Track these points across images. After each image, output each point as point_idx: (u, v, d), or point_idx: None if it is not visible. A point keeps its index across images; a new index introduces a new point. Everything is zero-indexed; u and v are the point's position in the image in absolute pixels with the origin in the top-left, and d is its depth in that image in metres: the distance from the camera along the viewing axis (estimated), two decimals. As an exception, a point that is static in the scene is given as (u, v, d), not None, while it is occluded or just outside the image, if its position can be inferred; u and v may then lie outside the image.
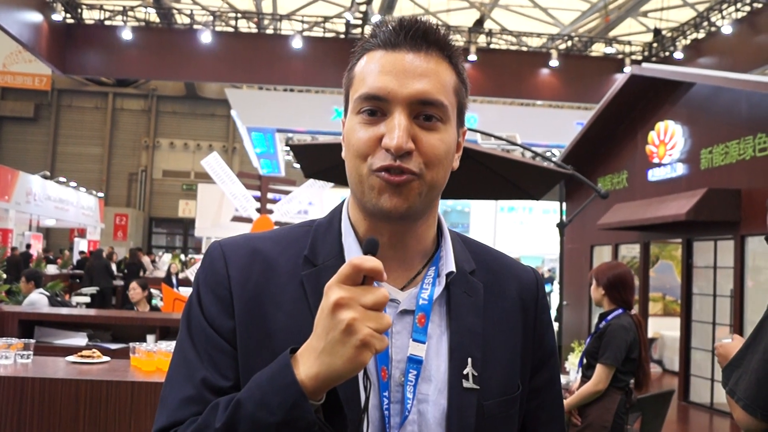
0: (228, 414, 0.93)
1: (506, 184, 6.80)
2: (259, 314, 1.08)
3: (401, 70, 1.05)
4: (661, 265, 13.51)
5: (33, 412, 3.20)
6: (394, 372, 1.07)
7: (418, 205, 1.07)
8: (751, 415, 2.08)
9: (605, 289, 4.44)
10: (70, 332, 5.06)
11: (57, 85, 32.53)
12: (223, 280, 1.10)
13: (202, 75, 21.67)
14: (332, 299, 0.89)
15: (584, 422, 4.36)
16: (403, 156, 1.03)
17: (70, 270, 19.01)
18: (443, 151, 1.07)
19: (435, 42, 1.09)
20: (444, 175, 1.09)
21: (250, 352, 1.05)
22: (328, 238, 1.15)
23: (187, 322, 1.11)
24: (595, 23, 23.08)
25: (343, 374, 0.89)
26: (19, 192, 21.71)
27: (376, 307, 0.89)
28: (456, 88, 1.11)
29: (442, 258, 1.16)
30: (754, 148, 8.65)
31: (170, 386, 1.07)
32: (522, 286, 1.23)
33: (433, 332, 1.11)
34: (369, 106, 1.06)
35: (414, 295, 1.11)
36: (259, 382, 0.93)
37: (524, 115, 24.09)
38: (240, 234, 1.22)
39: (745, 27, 18.28)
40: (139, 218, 34.61)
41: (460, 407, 1.07)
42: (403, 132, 1.02)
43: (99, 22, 20.24)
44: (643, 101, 11.16)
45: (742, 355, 2.15)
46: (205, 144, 34.59)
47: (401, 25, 1.08)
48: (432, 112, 1.06)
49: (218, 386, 1.03)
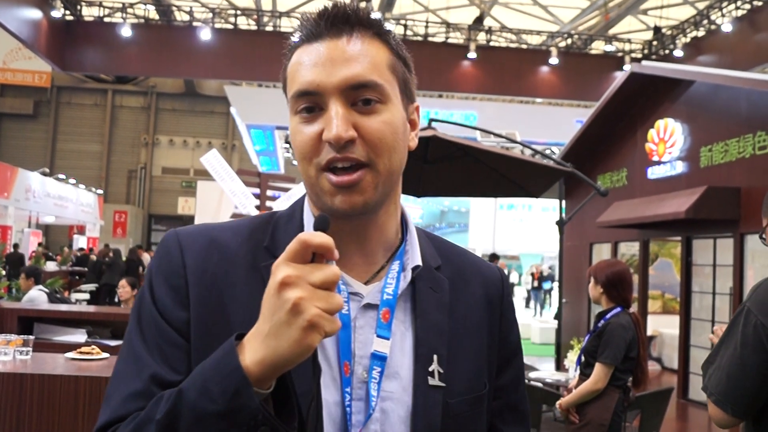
0: (169, 404, 0.87)
1: (506, 182, 6.81)
2: (215, 305, 1.02)
3: (327, 60, 1.01)
4: (661, 262, 13.52)
5: (32, 408, 3.20)
6: (357, 368, 1.03)
7: (377, 197, 1.03)
8: (721, 409, 2.11)
9: (603, 288, 4.43)
10: (69, 329, 5.06)
11: (56, 82, 32.50)
12: (178, 269, 1.04)
13: (201, 72, 21.68)
14: (278, 277, 0.83)
15: (582, 420, 4.36)
16: (346, 146, 0.98)
17: (69, 267, 19.03)
18: (389, 133, 1.02)
19: (358, 23, 1.04)
20: (398, 158, 1.05)
21: (205, 344, 0.98)
22: (290, 229, 1.10)
23: (138, 314, 1.04)
24: (595, 21, 23.07)
25: (289, 359, 0.83)
26: (19, 189, 21.70)
27: (326, 286, 0.83)
28: (391, 63, 1.06)
29: (408, 252, 1.12)
30: (753, 146, 8.64)
31: (117, 382, 1.01)
32: (487, 284, 1.20)
33: (398, 328, 1.07)
34: (304, 104, 1.02)
35: (378, 290, 1.07)
36: (202, 370, 0.87)
37: (524, 112, 24.12)
38: (198, 224, 1.17)
39: (745, 25, 18.28)
40: (138, 215, 34.60)
41: (425, 405, 1.04)
42: (340, 121, 0.98)
43: (98, 19, 20.24)
44: (643, 99, 11.15)
45: (717, 351, 2.17)
46: (204, 141, 34.58)
47: (320, 14, 1.04)
48: (368, 94, 1.01)
49: (168, 381, 0.97)
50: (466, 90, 21.48)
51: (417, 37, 21.37)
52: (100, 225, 30.72)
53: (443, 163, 6.52)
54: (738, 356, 2.06)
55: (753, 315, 2.05)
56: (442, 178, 6.98)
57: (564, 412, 4.47)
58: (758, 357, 2.01)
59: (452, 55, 20.92)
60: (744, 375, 2.05)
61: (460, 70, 21.05)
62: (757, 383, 2.03)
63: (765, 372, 2.01)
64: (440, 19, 22.59)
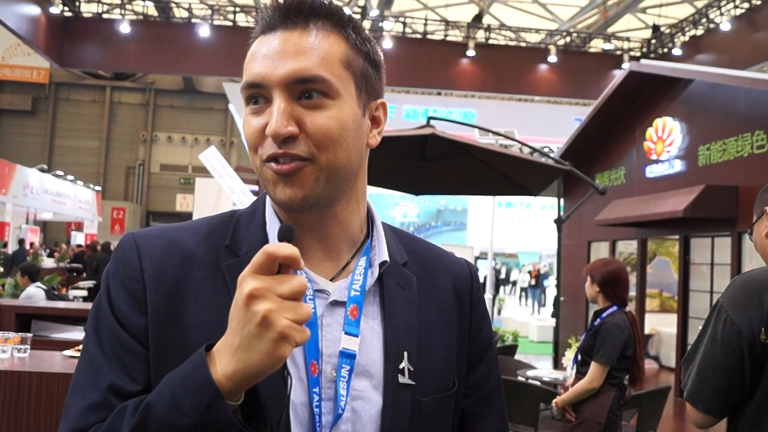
0: (137, 418, 0.85)
1: (504, 180, 6.81)
2: (175, 310, 0.99)
3: (276, 52, 0.99)
4: (658, 261, 13.53)
5: (30, 406, 3.20)
6: (325, 367, 1.00)
7: (319, 191, 0.99)
8: (693, 407, 2.09)
9: (600, 286, 4.44)
10: (67, 326, 5.06)
11: (54, 78, 32.47)
12: (135, 274, 1.01)
13: (200, 69, 21.66)
14: (246, 290, 0.82)
15: (578, 419, 4.37)
16: (287, 141, 0.97)
17: (67, 264, 19.01)
18: (335, 128, 0.98)
19: (313, 14, 1.01)
20: (346, 154, 1.01)
21: (165, 351, 0.97)
22: (252, 227, 1.07)
23: (95, 321, 1.01)
24: (594, 19, 23.07)
25: (261, 370, 0.83)
26: (17, 185, 21.68)
27: (294, 297, 0.82)
28: (345, 58, 1.02)
29: (374, 247, 1.10)
30: (751, 145, 8.65)
31: (74, 393, 0.98)
32: (456, 279, 1.18)
33: (366, 325, 1.04)
34: (250, 94, 1.00)
35: (345, 286, 1.04)
36: (172, 383, 0.85)
37: (523, 110, 24.11)
38: (155, 225, 1.13)
39: (744, 24, 18.30)
40: (136, 212, 34.59)
41: (395, 404, 1.01)
42: (281, 116, 0.96)
43: (97, 15, 20.21)
44: (641, 98, 11.16)
45: (694, 349, 2.15)
46: (202, 138, 34.57)
47: (277, 5, 1.01)
48: (314, 88, 0.98)
49: (126, 391, 0.95)
50: (465, 88, 21.48)
51: (416, 34, 21.35)
52: (98, 222, 30.71)
53: (441, 161, 6.51)
54: (709, 353, 2.04)
55: (724, 311, 2.03)
56: (440, 176, 6.98)
57: (560, 410, 4.48)
58: (727, 354, 1.99)
59: (451, 52, 20.91)
60: (714, 371, 2.02)
61: (458, 68, 21.04)
62: (726, 380, 2.00)
63: (734, 369, 1.98)
64: (439, 17, 22.58)
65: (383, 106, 1.10)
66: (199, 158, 12.81)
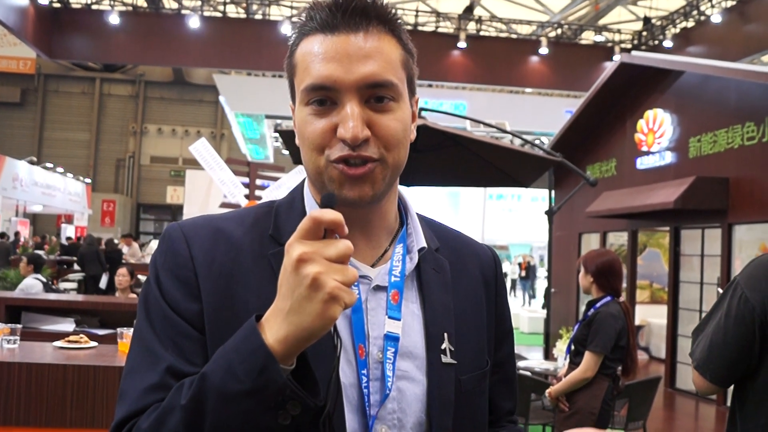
0: (194, 389, 0.88)
1: (495, 172, 6.80)
2: (227, 295, 1.03)
3: (345, 55, 1.00)
4: (649, 252, 13.58)
5: (20, 396, 3.19)
6: (372, 349, 1.05)
7: (384, 189, 1.05)
8: (701, 375, 2.21)
9: (594, 277, 4.45)
10: (57, 318, 5.04)
11: (43, 70, 32.30)
12: (186, 262, 1.04)
13: (190, 60, 21.55)
14: (294, 255, 0.85)
15: (572, 408, 4.38)
16: (361, 144, 1.00)
17: (57, 256, 18.93)
18: (401, 130, 1.05)
19: (375, 17, 1.03)
20: (405, 152, 1.08)
21: (219, 334, 0.99)
22: (292, 216, 1.10)
23: (145, 309, 1.04)
24: (585, 11, 23.09)
25: (313, 332, 0.85)
26: (6, 177, 21.58)
27: (341, 260, 0.86)
28: (403, 61, 1.07)
29: (411, 235, 1.15)
30: (742, 137, 8.68)
31: (131, 377, 1.00)
32: (482, 264, 1.24)
33: (407, 309, 1.10)
34: (317, 97, 1.02)
35: (385, 272, 1.10)
36: (225, 352, 0.89)
37: (514, 102, 24.13)
38: (199, 215, 1.17)
39: (735, 16, 18.33)
40: (126, 204, 34.48)
41: (440, 383, 1.07)
42: (357, 121, 0.99)
43: (86, 6, 20.07)
44: (633, 89, 11.17)
45: (706, 320, 2.27)
46: (193, 130, 34.46)
47: (337, 5, 1.02)
48: (383, 93, 1.02)
49: (184, 372, 0.97)
50: (456, 79, 21.46)
51: (407, 26, 21.30)
52: (89, 214, 30.58)
53: (433, 152, 6.50)
54: (722, 326, 2.16)
55: (741, 288, 2.14)
56: (431, 167, 6.96)
57: (554, 400, 4.49)
58: (739, 329, 2.11)
59: (442, 44, 20.88)
60: (725, 344, 2.14)
61: (449, 60, 21.02)
62: (735, 353, 2.13)
63: (744, 343, 2.10)
64: (430, 9, 22.55)
65: (416, 102, 1.15)
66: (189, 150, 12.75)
